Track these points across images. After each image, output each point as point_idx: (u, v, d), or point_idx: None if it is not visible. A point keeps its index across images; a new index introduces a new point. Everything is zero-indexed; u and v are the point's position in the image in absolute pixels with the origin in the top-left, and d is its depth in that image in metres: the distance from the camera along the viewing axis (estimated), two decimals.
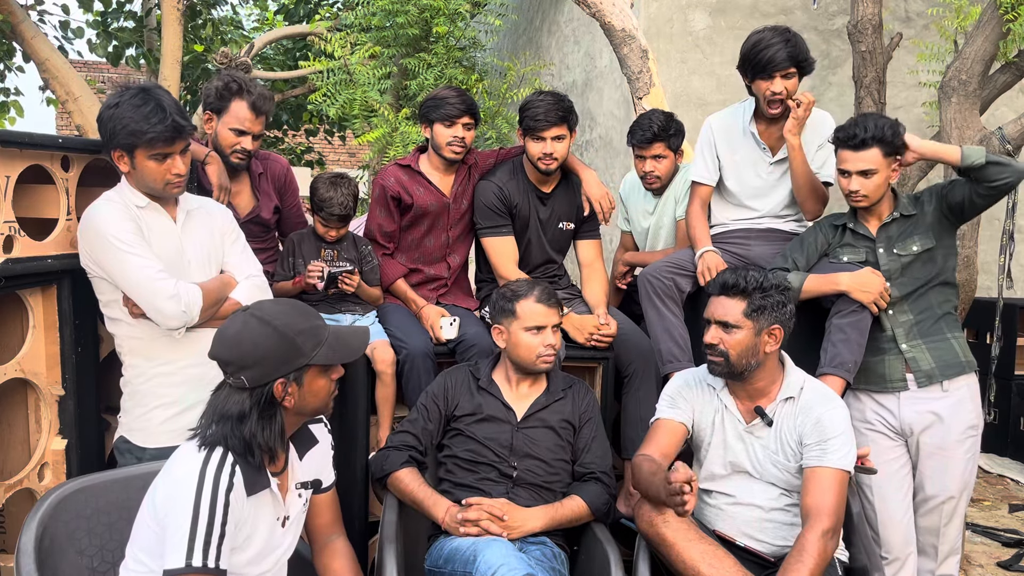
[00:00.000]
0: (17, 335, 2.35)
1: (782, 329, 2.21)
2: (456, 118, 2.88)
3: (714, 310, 2.24)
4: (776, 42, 2.69)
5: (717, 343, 2.21)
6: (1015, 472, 4.51)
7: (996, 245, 4.75)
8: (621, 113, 5.75)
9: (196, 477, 1.57)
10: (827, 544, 2.01)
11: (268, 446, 1.65)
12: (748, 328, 2.18)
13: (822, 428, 2.16)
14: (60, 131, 13.27)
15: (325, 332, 1.73)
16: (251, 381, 1.64)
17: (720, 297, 2.24)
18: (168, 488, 1.59)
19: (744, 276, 2.21)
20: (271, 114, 2.73)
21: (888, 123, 2.46)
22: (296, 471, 1.83)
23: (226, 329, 1.69)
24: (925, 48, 4.32)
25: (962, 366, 2.54)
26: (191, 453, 1.63)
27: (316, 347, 1.69)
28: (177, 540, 1.53)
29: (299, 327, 1.68)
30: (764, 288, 2.20)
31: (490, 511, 2.22)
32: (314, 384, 1.72)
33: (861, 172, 2.47)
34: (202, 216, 2.31)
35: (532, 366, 2.42)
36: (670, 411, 2.34)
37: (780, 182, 2.90)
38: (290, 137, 9.75)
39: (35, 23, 6.41)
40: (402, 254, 3.06)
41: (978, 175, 2.43)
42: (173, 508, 1.56)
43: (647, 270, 2.93)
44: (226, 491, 1.58)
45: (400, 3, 4.65)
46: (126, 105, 2.06)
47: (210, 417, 1.66)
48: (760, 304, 2.18)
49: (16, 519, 2.36)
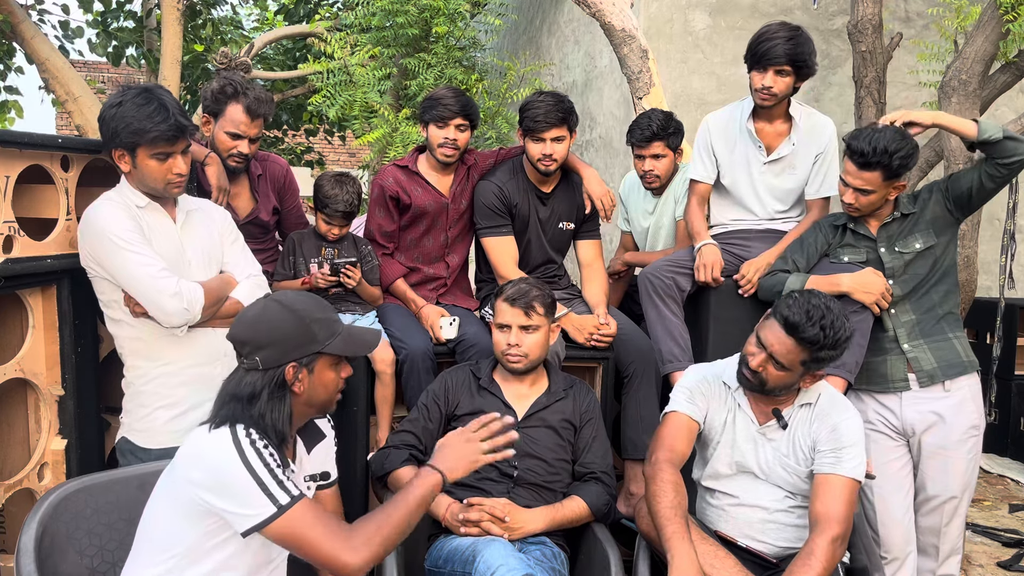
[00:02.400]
0: (17, 335, 2.35)
1: (825, 373, 2.19)
2: (449, 119, 2.87)
3: (770, 339, 2.10)
4: (780, 36, 2.68)
5: (760, 370, 2.13)
6: (1015, 472, 4.51)
7: (996, 245, 4.76)
8: (621, 113, 5.75)
9: (231, 443, 1.60)
10: (836, 551, 2.00)
11: (276, 427, 1.67)
12: (797, 371, 2.12)
13: (838, 436, 2.13)
14: (60, 131, 13.27)
15: (340, 325, 1.77)
16: (264, 362, 1.67)
17: (781, 331, 2.07)
18: (210, 464, 1.60)
19: (822, 326, 2.02)
20: (269, 117, 2.72)
21: (901, 151, 2.39)
22: (305, 464, 1.85)
23: (247, 311, 1.74)
24: (925, 48, 4.33)
25: (964, 366, 2.54)
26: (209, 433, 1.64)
27: (330, 337, 1.73)
28: (253, 497, 1.57)
29: (316, 315, 1.73)
30: (835, 346, 2.05)
31: (491, 512, 2.22)
32: (324, 375, 1.74)
33: (858, 189, 2.48)
34: (201, 217, 2.31)
35: (503, 362, 2.44)
36: (688, 406, 2.26)
37: (776, 181, 2.90)
38: (290, 137, 9.75)
39: (35, 23, 6.41)
40: (401, 254, 3.06)
41: (992, 151, 2.41)
42: (225, 477, 1.58)
43: (647, 269, 2.92)
44: (265, 446, 1.62)
45: (400, 3, 4.65)
46: (129, 104, 2.06)
47: (222, 399, 1.69)
48: (820, 358, 2.08)
49: (16, 519, 2.35)
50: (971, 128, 2.43)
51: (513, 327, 2.40)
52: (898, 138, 2.41)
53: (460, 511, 2.23)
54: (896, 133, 2.43)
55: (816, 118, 2.88)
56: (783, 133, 2.86)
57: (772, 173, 2.89)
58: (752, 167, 2.90)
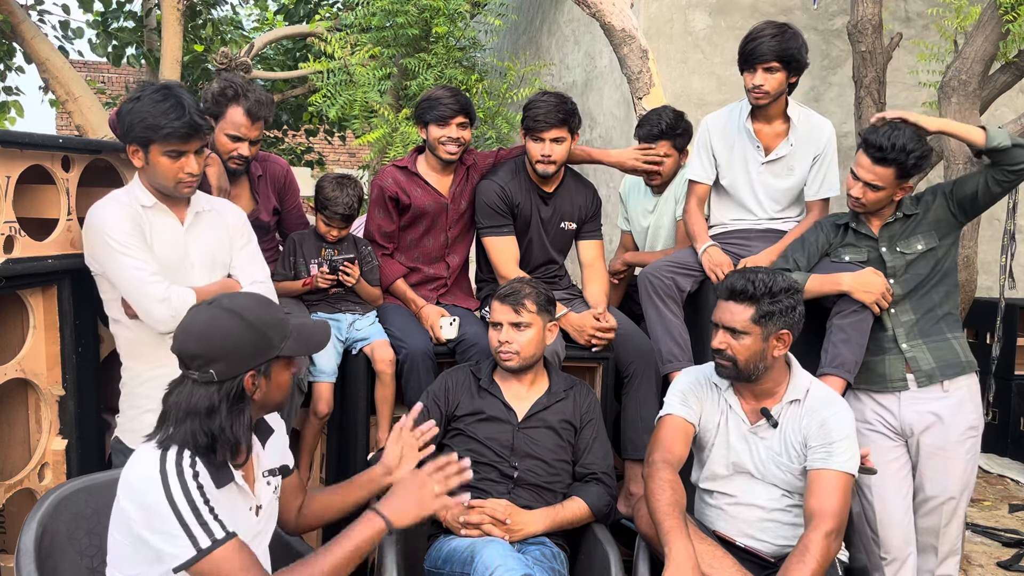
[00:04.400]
0: (17, 335, 2.35)
1: (791, 333, 2.18)
2: (450, 118, 2.87)
3: (722, 315, 2.20)
4: (766, 35, 2.70)
5: (725, 348, 2.18)
6: (1015, 472, 4.50)
7: (996, 245, 4.76)
8: (621, 113, 5.75)
9: (158, 474, 1.54)
10: (830, 545, 2.00)
11: (235, 439, 1.62)
12: (756, 334, 2.15)
13: (828, 431, 2.14)
14: (60, 131, 13.27)
15: (289, 325, 1.72)
16: (220, 374, 1.60)
17: (728, 302, 2.19)
18: (133, 496, 1.55)
19: (753, 280, 2.15)
20: (269, 119, 2.72)
21: (917, 151, 2.41)
22: (261, 460, 1.82)
23: (192, 323, 1.65)
24: (925, 48, 4.32)
25: (962, 366, 2.54)
26: (144, 456, 1.59)
27: (284, 339, 1.68)
28: (174, 536, 1.51)
29: (268, 319, 1.67)
30: (773, 293, 2.15)
31: (492, 513, 2.22)
32: (280, 377, 1.70)
33: (868, 184, 2.48)
34: (212, 218, 2.30)
35: (497, 360, 2.45)
36: (682, 408, 2.28)
37: (774, 182, 2.90)
38: (290, 137, 9.75)
39: (35, 23, 6.41)
40: (401, 254, 3.06)
41: (1000, 158, 2.41)
42: (149, 513, 1.53)
43: (647, 269, 2.93)
44: (192, 476, 1.56)
45: (400, 3, 4.65)
46: (146, 100, 2.07)
47: (174, 415, 1.61)
48: (769, 310, 2.14)
49: (16, 519, 2.36)
50: (979, 135, 2.44)
51: (504, 324, 2.41)
52: (916, 138, 2.43)
53: (461, 513, 2.23)
54: (914, 133, 2.45)
55: (815, 119, 2.88)
56: (781, 134, 2.86)
57: (771, 173, 2.89)
58: (750, 167, 2.90)
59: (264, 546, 1.81)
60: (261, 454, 1.82)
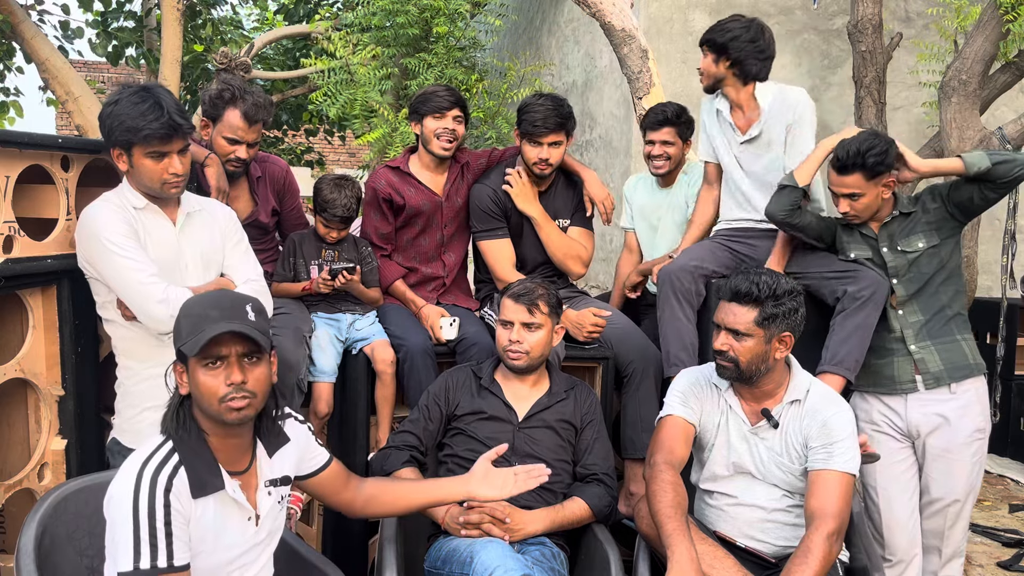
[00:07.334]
0: (17, 335, 2.34)
1: (793, 335, 2.18)
2: (447, 110, 2.89)
3: (724, 316, 2.20)
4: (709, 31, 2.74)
5: (727, 349, 2.18)
6: (1015, 472, 4.50)
7: (996, 245, 4.76)
8: (621, 113, 5.75)
9: (134, 480, 1.56)
10: (832, 546, 2.00)
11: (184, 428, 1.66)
12: (759, 336, 2.14)
13: (828, 431, 2.13)
14: (60, 131, 13.27)
15: (210, 322, 1.63)
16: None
17: (731, 303, 2.18)
18: (111, 489, 1.58)
19: (757, 283, 2.14)
20: (268, 121, 2.71)
21: (874, 148, 2.42)
22: (264, 469, 1.79)
23: None
24: (925, 48, 4.33)
25: (971, 368, 2.52)
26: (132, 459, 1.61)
27: (192, 335, 1.63)
28: (123, 543, 1.52)
29: (194, 311, 1.67)
30: (777, 296, 2.14)
31: (492, 513, 2.21)
32: (195, 375, 1.65)
33: (847, 195, 2.49)
34: (204, 218, 2.30)
35: (504, 358, 2.44)
36: (682, 409, 2.28)
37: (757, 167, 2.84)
38: (290, 137, 9.74)
39: (35, 23, 6.41)
40: (398, 254, 3.06)
41: (987, 176, 2.42)
42: (115, 511, 1.55)
43: (670, 267, 2.87)
44: (164, 492, 1.56)
45: (400, 3, 4.65)
46: (125, 102, 2.06)
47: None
48: (772, 312, 2.13)
49: (16, 519, 2.35)
50: (957, 165, 2.45)
51: (516, 324, 2.40)
52: (870, 138, 2.45)
53: (460, 513, 2.22)
54: (868, 134, 2.48)
55: (786, 92, 2.82)
56: (754, 119, 2.83)
57: (751, 153, 2.84)
58: (732, 147, 2.89)
59: (268, 554, 1.81)
60: (266, 464, 1.80)
